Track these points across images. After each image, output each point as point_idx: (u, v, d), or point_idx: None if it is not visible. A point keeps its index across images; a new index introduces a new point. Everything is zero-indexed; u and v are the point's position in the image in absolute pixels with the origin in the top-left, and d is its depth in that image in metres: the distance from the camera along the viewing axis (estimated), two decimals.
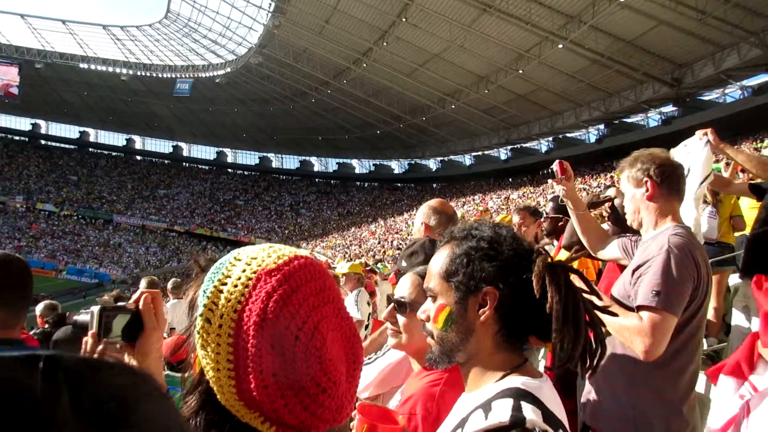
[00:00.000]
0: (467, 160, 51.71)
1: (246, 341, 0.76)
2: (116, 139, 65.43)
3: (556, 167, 2.51)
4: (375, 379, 2.15)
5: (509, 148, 44.77)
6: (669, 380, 1.94)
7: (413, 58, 35.56)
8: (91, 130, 63.77)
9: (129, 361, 1.03)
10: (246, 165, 65.72)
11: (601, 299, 1.17)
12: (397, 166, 59.43)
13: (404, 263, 2.29)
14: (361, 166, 62.69)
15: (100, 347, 1.02)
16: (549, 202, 4.22)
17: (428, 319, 1.17)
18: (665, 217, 2.10)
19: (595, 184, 31.10)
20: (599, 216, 3.74)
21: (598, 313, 1.13)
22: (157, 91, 52.70)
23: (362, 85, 41.43)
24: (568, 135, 40.39)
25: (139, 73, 51.45)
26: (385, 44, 34.80)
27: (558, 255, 3.53)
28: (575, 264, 1.16)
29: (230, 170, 65.43)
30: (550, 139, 41.21)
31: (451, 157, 52.33)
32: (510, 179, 44.41)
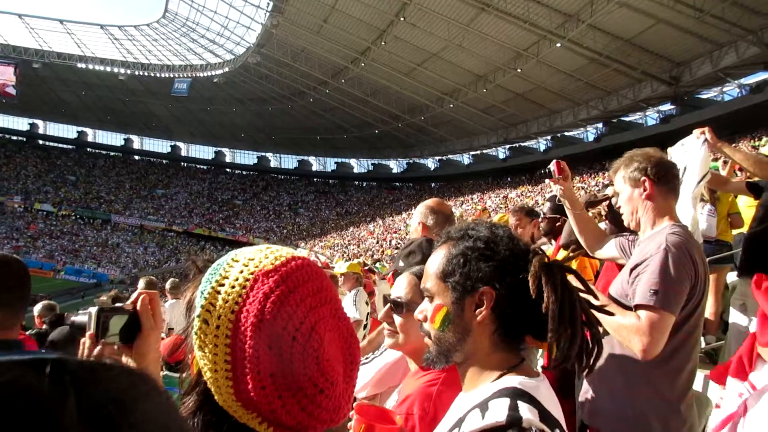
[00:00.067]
0: (466, 159, 51.74)
1: (243, 342, 0.76)
2: (114, 138, 65.50)
3: (553, 167, 2.52)
4: (372, 379, 2.15)
5: (507, 147, 44.81)
6: (667, 379, 1.94)
7: (411, 57, 35.55)
8: (89, 130, 63.71)
9: (126, 362, 1.03)
10: (244, 165, 65.68)
11: (597, 298, 1.17)
12: (395, 166, 59.42)
13: (402, 263, 2.29)
14: (359, 165, 62.67)
15: (97, 348, 1.02)
16: (546, 202, 4.22)
17: (425, 319, 1.18)
18: (663, 217, 2.09)
19: (594, 183, 31.14)
20: (597, 215, 3.75)
21: (594, 312, 1.13)
22: (155, 91, 52.64)
23: (360, 84, 41.41)
24: (567, 134, 40.43)
25: (137, 73, 51.41)
26: (383, 43, 34.79)
27: (556, 255, 3.53)
28: (574, 264, 1.17)
29: (228, 170, 65.38)
30: (549, 138, 41.24)
31: (449, 157, 52.33)
32: (508, 178, 44.41)
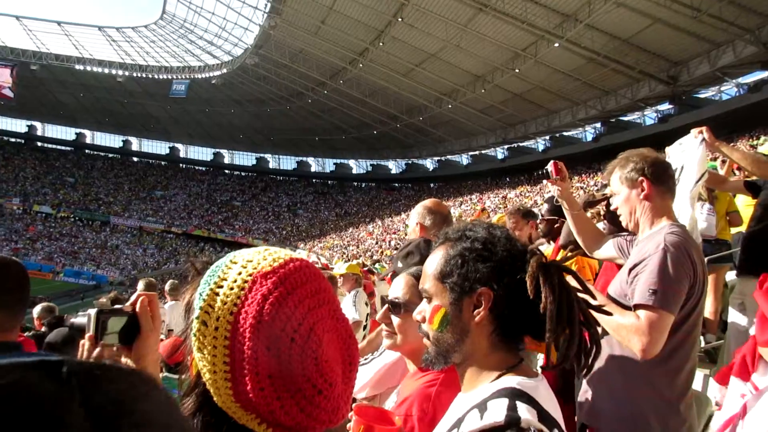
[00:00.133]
0: (464, 159, 51.78)
1: (242, 343, 0.76)
2: (113, 140, 65.55)
3: (550, 168, 2.51)
4: (371, 380, 2.15)
5: (506, 147, 44.85)
6: (666, 378, 1.94)
7: (409, 57, 35.57)
8: (87, 132, 63.72)
9: (126, 363, 1.03)
10: (243, 166, 65.71)
11: (595, 298, 1.17)
12: (394, 166, 59.44)
13: (400, 264, 2.30)
14: (358, 166, 62.68)
15: (96, 350, 1.02)
16: (544, 203, 4.22)
17: (424, 320, 1.18)
18: (661, 216, 2.09)
19: (593, 183, 31.15)
20: (596, 215, 3.75)
21: (593, 312, 1.14)
22: (153, 93, 52.63)
23: (359, 85, 41.41)
24: (565, 134, 40.48)
25: (135, 75, 51.38)
26: (381, 44, 34.80)
27: (556, 256, 3.53)
28: (572, 264, 1.17)
29: (227, 171, 65.40)
30: (547, 137, 41.28)
31: (448, 157, 52.35)
32: (507, 178, 44.44)
